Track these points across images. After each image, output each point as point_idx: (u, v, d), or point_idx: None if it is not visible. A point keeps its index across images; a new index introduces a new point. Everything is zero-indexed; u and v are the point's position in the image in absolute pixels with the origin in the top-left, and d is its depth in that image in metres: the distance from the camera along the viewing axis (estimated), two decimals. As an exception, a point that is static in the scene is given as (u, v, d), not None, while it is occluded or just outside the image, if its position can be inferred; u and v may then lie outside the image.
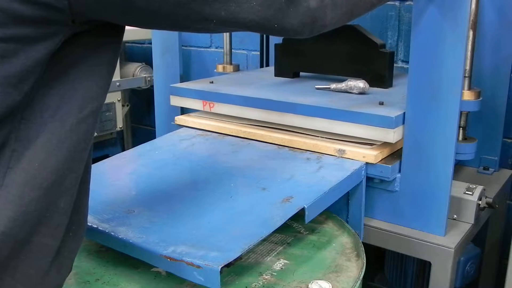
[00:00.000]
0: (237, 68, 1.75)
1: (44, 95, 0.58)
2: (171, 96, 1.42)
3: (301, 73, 1.57)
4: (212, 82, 1.46)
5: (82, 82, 0.61)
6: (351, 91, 1.31)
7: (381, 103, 1.17)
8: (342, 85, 1.32)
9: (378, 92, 1.33)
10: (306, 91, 1.36)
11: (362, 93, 1.30)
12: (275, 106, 1.24)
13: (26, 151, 0.57)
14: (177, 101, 1.42)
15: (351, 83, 1.31)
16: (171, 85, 1.44)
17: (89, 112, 0.62)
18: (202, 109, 1.36)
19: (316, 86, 1.38)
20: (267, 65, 1.90)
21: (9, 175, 0.57)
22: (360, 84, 1.30)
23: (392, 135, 1.09)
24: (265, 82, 1.48)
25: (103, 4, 0.58)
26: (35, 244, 0.60)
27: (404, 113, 1.10)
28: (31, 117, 0.58)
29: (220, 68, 1.75)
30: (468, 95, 1.16)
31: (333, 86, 1.34)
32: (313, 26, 0.75)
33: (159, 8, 0.60)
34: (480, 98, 1.18)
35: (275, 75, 1.56)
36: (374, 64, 1.37)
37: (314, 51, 1.47)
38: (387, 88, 1.37)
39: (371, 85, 1.33)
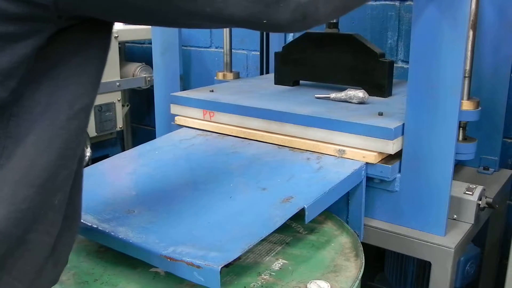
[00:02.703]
0: (237, 76, 1.75)
1: (33, 91, 0.58)
2: (171, 104, 1.42)
3: (301, 82, 1.57)
4: (212, 91, 1.46)
5: (71, 78, 0.60)
6: (350, 100, 1.31)
7: (380, 114, 1.17)
8: (341, 95, 1.32)
9: (378, 101, 1.33)
10: (305, 100, 1.36)
11: (361, 102, 1.30)
12: (275, 116, 1.24)
13: (17, 149, 0.57)
14: (177, 110, 1.42)
15: (350, 92, 1.31)
16: (172, 93, 1.44)
17: (79, 109, 0.61)
18: (202, 118, 1.36)
19: (315, 96, 1.38)
20: (267, 69, 1.90)
21: (1, 173, 0.57)
22: (360, 93, 1.30)
23: (391, 146, 1.09)
24: (265, 91, 1.48)
25: (89, 1, 0.57)
26: (31, 241, 0.60)
27: (403, 124, 1.10)
28: (20, 114, 0.57)
29: (220, 75, 1.75)
30: (467, 105, 1.17)
31: (332, 95, 1.34)
32: (305, 22, 0.73)
33: (145, 4, 0.59)
34: (479, 108, 1.18)
35: (275, 83, 1.57)
36: (374, 73, 1.37)
37: (314, 60, 1.47)
38: (386, 97, 1.37)
39: (370, 94, 1.33)
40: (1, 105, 0.56)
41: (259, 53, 1.92)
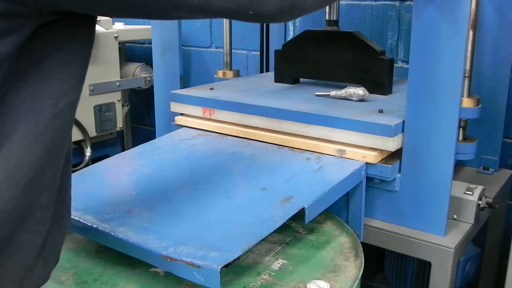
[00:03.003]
0: (237, 74, 1.75)
1: (18, 89, 0.57)
2: (171, 102, 1.42)
3: (301, 79, 1.57)
4: (212, 89, 1.46)
5: (55, 75, 0.60)
6: (350, 98, 1.31)
7: (381, 111, 1.17)
8: (341, 92, 1.32)
9: (378, 99, 1.33)
10: (305, 98, 1.36)
11: (361, 100, 1.30)
12: (275, 114, 1.24)
13: (2, 148, 0.57)
14: (177, 108, 1.42)
15: (350, 90, 1.31)
16: (171, 91, 1.44)
17: (64, 106, 0.61)
18: (202, 115, 1.36)
19: (315, 93, 1.38)
20: (267, 68, 1.90)
21: None
22: (360, 91, 1.30)
23: (392, 144, 1.09)
24: (265, 89, 1.48)
25: None
26: (19, 240, 0.59)
27: (404, 121, 1.10)
28: (5, 112, 0.57)
29: (220, 73, 1.75)
30: (467, 103, 1.16)
31: (332, 93, 1.34)
32: (292, 12, 0.71)
33: None
34: (479, 106, 1.18)
35: (275, 81, 1.57)
36: (374, 71, 1.37)
37: (314, 58, 1.47)
38: (386, 95, 1.37)
39: (370, 91, 1.33)
40: None
41: (259, 53, 1.92)
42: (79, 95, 0.64)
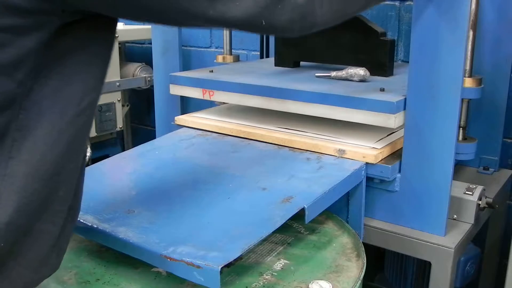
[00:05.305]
0: (237, 59, 1.74)
1: (42, 86, 0.60)
2: (170, 84, 1.41)
3: (302, 63, 1.56)
4: (211, 71, 1.46)
5: (80, 74, 0.62)
6: (351, 78, 1.31)
7: (382, 89, 1.17)
8: (342, 73, 1.32)
9: (379, 80, 1.32)
10: (306, 79, 1.35)
11: (362, 80, 1.30)
12: (276, 93, 1.22)
13: (26, 142, 0.59)
14: (176, 90, 1.41)
15: (351, 70, 1.31)
16: (171, 73, 1.44)
17: (87, 104, 0.64)
18: (202, 97, 1.35)
19: (316, 74, 1.37)
20: (267, 54, 1.88)
21: (12, 165, 0.59)
22: (361, 71, 1.30)
23: (393, 121, 1.08)
24: (265, 71, 1.47)
25: None
26: (37, 230, 0.63)
27: (405, 99, 1.09)
28: (29, 107, 0.59)
29: (220, 58, 1.74)
30: (469, 82, 1.15)
31: (333, 73, 1.34)
32: (303, 23, 0.76)
33: (148, 4, 0.61)
34: (482, 86, 1.17)
35: (275, 65, 1.55)
36: (375, 52, 1.36)
37: (315, 40, 1.45)
38: (387, 76, 1.36)
39: (371, 73, 1.32)
40: (10, 97, 0.57)
41: (259, 53, 1.91)
42: (99, 96, 0.67)
